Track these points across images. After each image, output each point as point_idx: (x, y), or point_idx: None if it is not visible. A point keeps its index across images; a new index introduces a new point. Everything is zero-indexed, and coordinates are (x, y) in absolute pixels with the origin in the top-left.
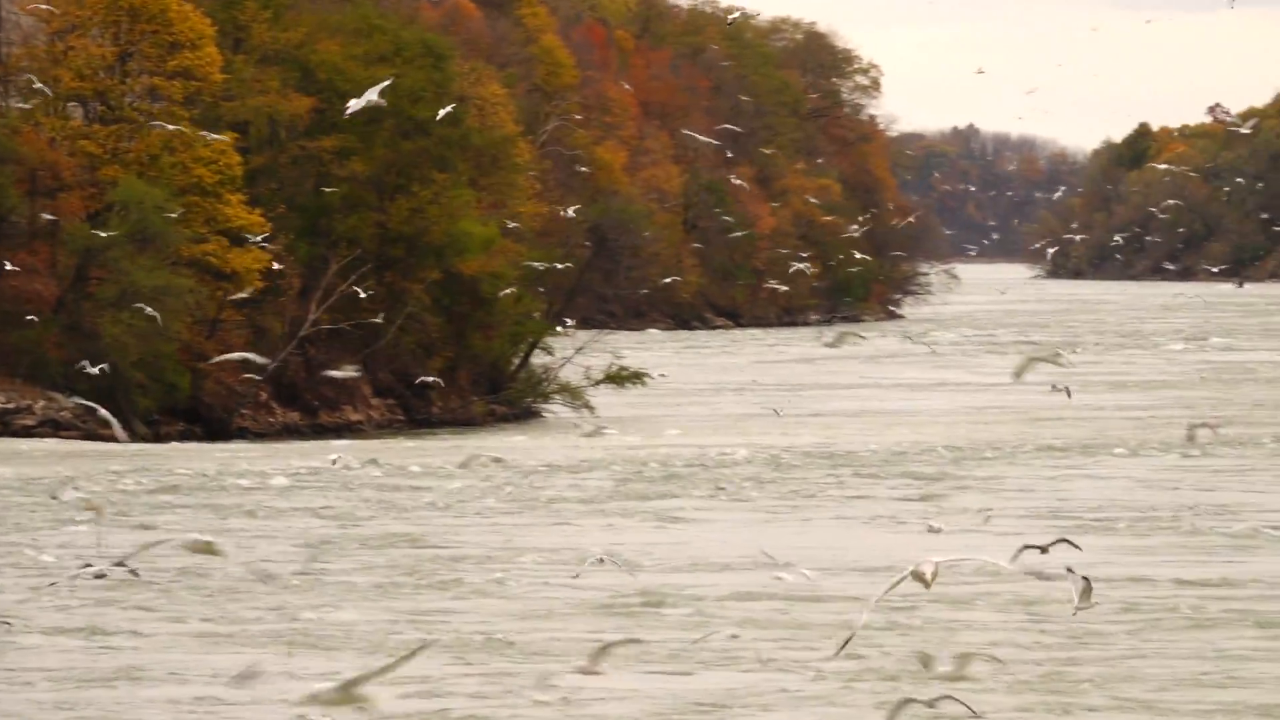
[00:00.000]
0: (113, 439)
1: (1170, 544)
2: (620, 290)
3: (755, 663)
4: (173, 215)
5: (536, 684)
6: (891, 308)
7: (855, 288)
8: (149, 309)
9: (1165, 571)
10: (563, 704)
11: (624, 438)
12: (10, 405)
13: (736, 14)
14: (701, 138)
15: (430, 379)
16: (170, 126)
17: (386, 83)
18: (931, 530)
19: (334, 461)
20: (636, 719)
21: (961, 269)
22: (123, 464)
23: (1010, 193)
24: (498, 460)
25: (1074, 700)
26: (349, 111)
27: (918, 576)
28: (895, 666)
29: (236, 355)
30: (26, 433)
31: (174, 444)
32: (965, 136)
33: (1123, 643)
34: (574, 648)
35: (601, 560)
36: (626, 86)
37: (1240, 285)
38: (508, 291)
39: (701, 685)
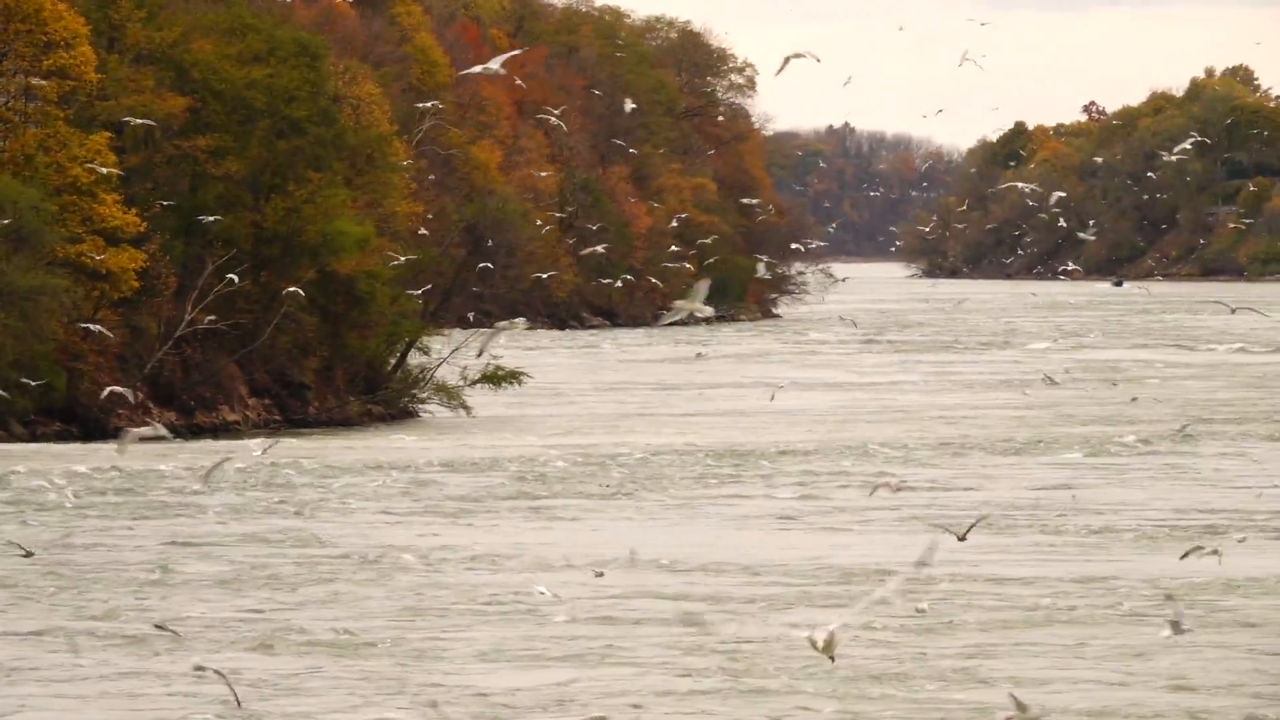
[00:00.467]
0: None
1: (1032, 542)
2: (496, 290)
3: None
4: (48, 215)
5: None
6: (770, 307)
7: (732, 287)
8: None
9: (1021, 570)
10: (416, 702)
11: (500, 437)
12: None
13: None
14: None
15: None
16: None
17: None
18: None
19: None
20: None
21: (838, 267)
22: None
23: (886, 192)
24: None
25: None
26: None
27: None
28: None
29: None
30: None
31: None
32: (840, 136)
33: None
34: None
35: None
36: (520, 82)
37: (1119, 284)
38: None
39: (539, 680)
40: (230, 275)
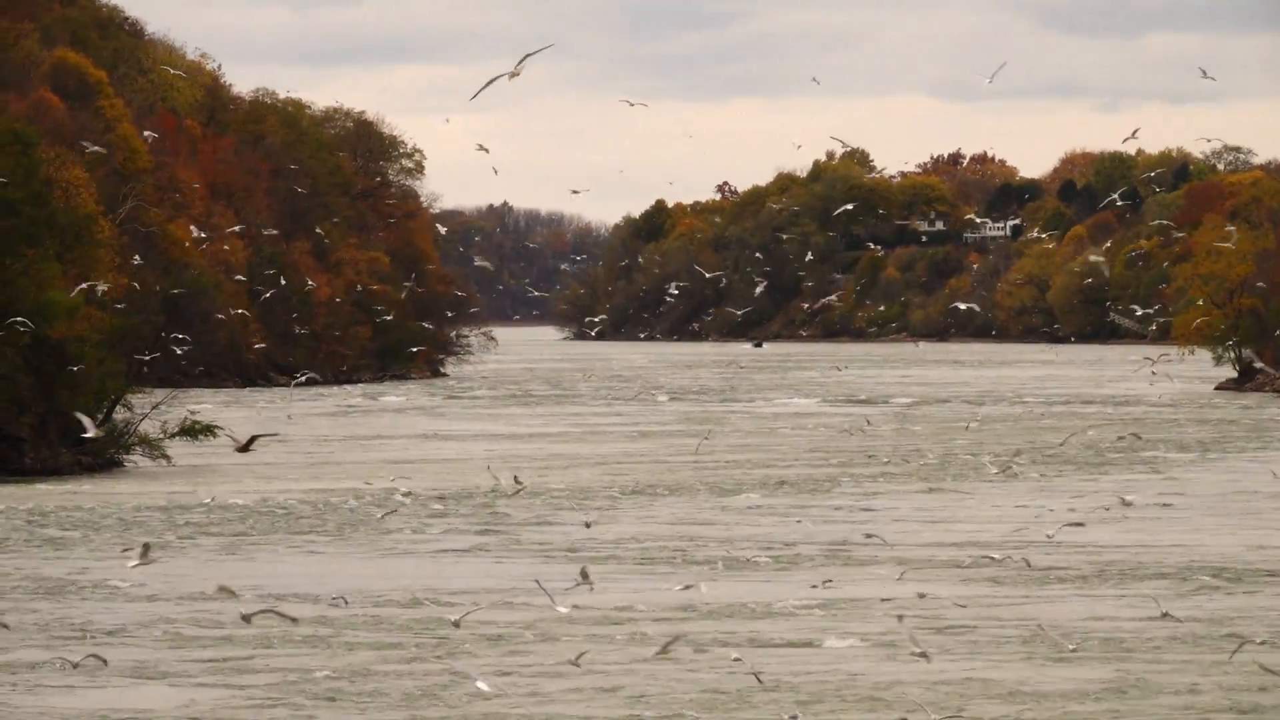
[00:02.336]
0: None
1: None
2: (192, 352)
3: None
4: None
5: None
6: (438, 367)
7: (405, 350)
8: None
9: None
10: None
11: (195, 482)
12: None
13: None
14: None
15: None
16: None
17: None
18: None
19: None
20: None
21: (499, 331)
22: None
23: (540, 263)
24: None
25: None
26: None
27: None
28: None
29: None
30: None
31: None
32: (500, 213)
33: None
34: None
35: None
36: (212, 164)
37: (759, 345)
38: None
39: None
40: None
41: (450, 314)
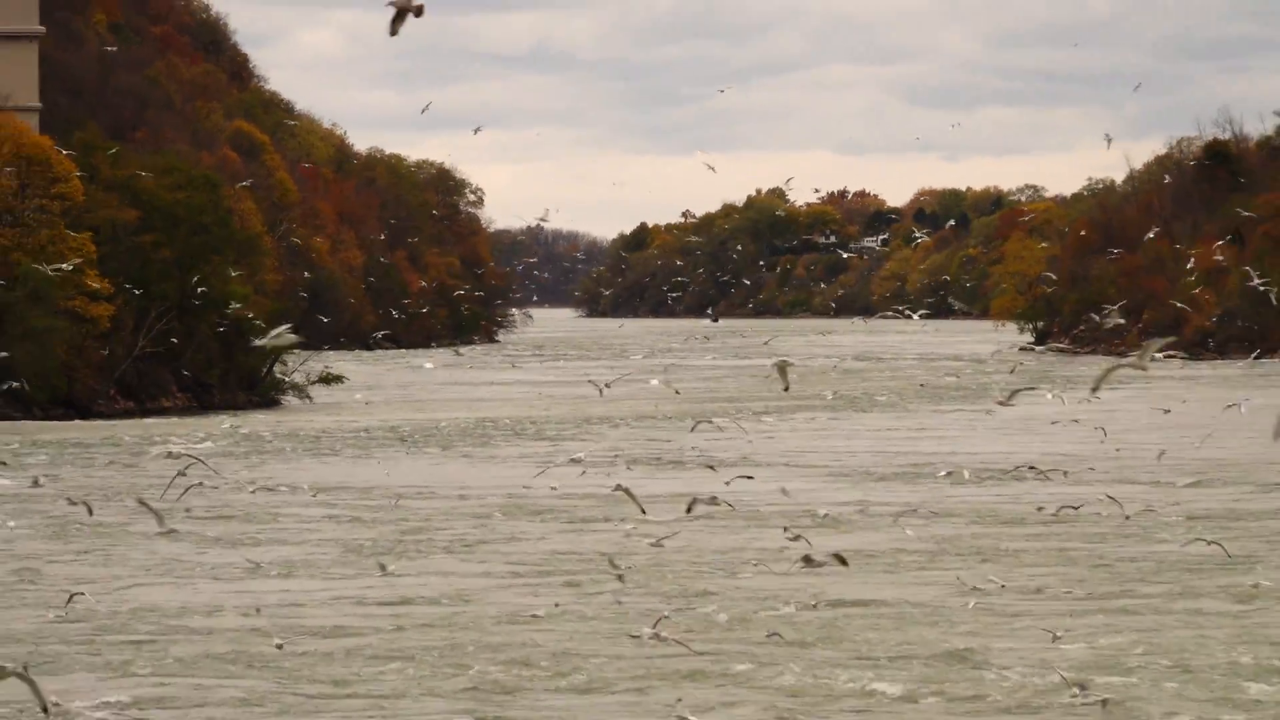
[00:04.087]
0: (17, 418)
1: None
2: (327, 326)
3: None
4: (53, 283)
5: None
6: (494, 335)
7: (470, 325)
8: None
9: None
10: None
11: (334, 413)
12: None
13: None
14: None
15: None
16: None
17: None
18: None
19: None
20: None
21: (536, 311)
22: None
23: (561, 265)
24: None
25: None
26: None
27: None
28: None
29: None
30: None
31: (51, 421)
32: (536, 232)
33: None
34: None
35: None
36: (341, 199)
37: (715, 320)
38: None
39: None
40: (165, 320)
41: (500, 299)
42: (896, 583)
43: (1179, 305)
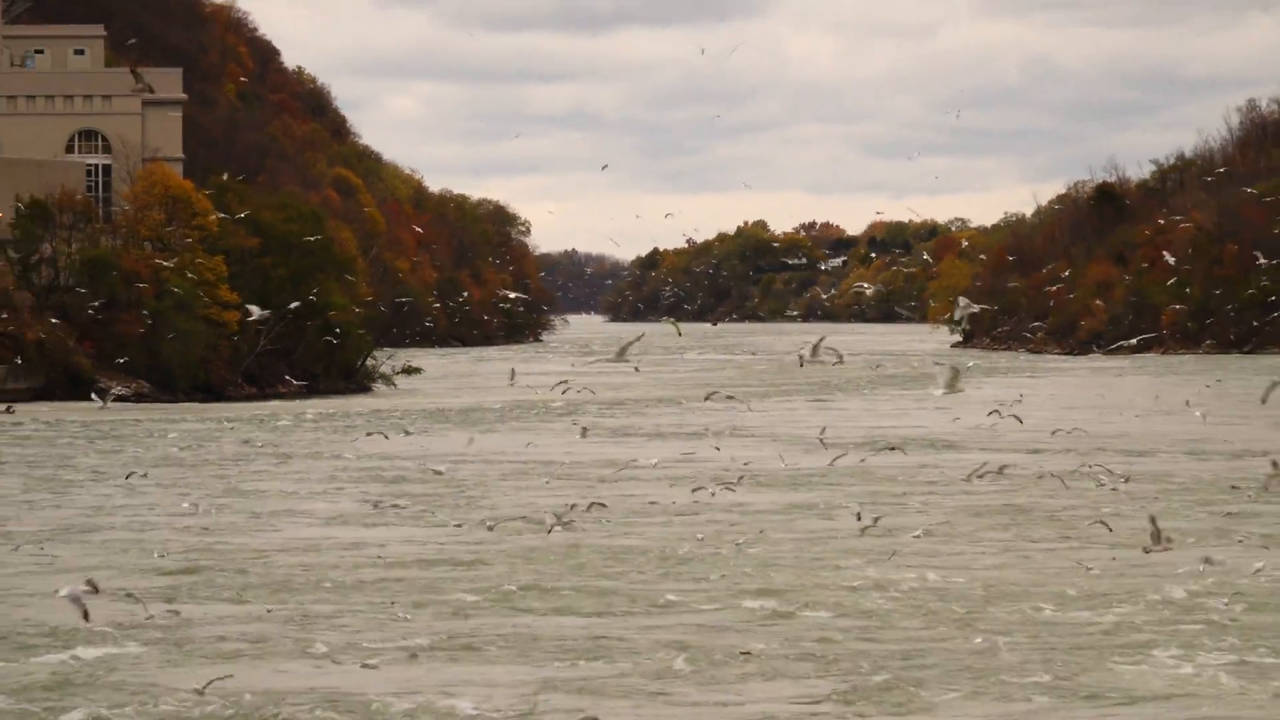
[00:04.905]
0: (165, 400)
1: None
2: (407, 328)
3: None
4: (195, 295)
5: None
6: (539, 336)
7: (522, 328)
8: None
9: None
10: None
11: (411, 398)
12: (120, 388)
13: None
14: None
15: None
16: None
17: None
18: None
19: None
20: None
21: (571, 317)
22: (186, 414)
23: (592, 282)
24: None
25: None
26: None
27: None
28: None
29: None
30: (120, 399)
31: (194, 404)
32: (571, 255)
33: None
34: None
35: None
36: (418, 229)
37: (715, 324)
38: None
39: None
40: (281, 324)
41: (543, 308)
42: (795, 520)
43: (1076, 311)
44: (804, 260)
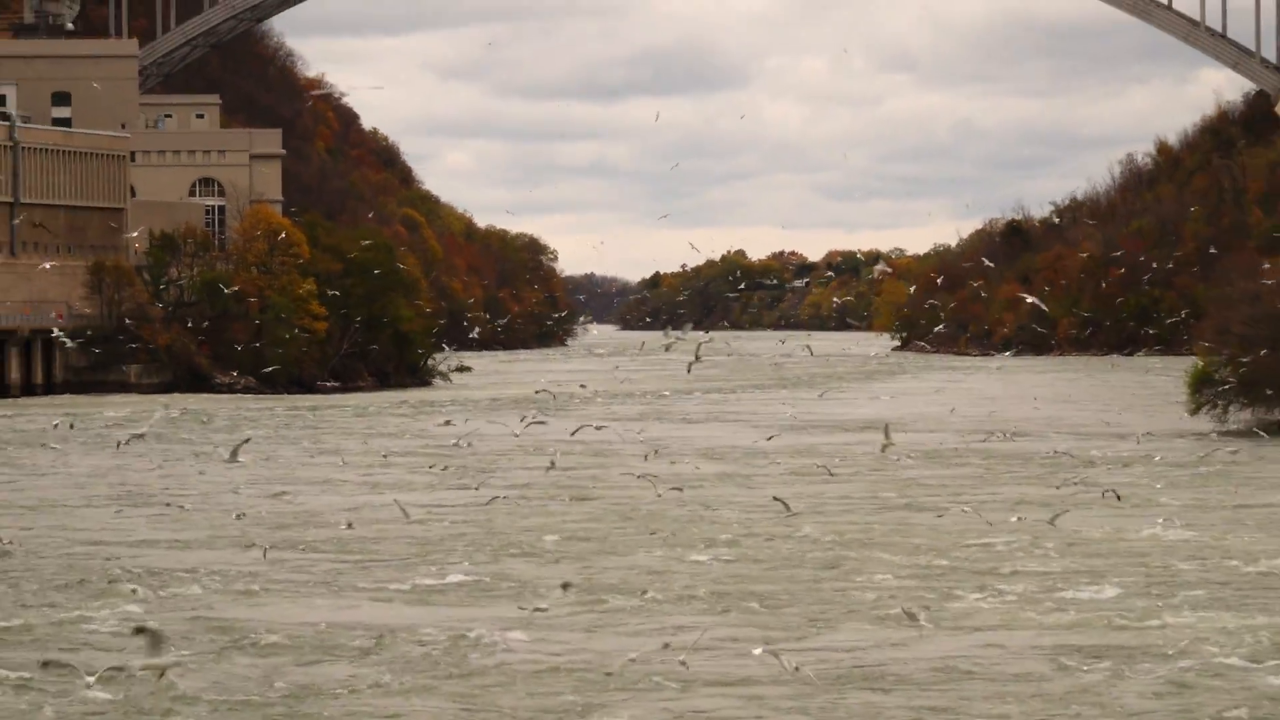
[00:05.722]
0: (267, 392)
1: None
2: (459, 334)
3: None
4: (292, 309)
5: None
6: (565, 340)
7: (549, 335)
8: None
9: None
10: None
11: (464, 390)
12: (228, 380)
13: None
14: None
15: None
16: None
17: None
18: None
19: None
20: None
21: (593, 326)
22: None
23: (606, 298)
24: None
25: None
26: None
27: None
28: None
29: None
30: (229, 389)
31: (290, 395)
32: (590, 277)
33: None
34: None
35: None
36: (469, 257)
37: (706, 332)
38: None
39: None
40: (358, 332)
41: (568, 319)
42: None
43: (990, 322)
44: (775, 281)
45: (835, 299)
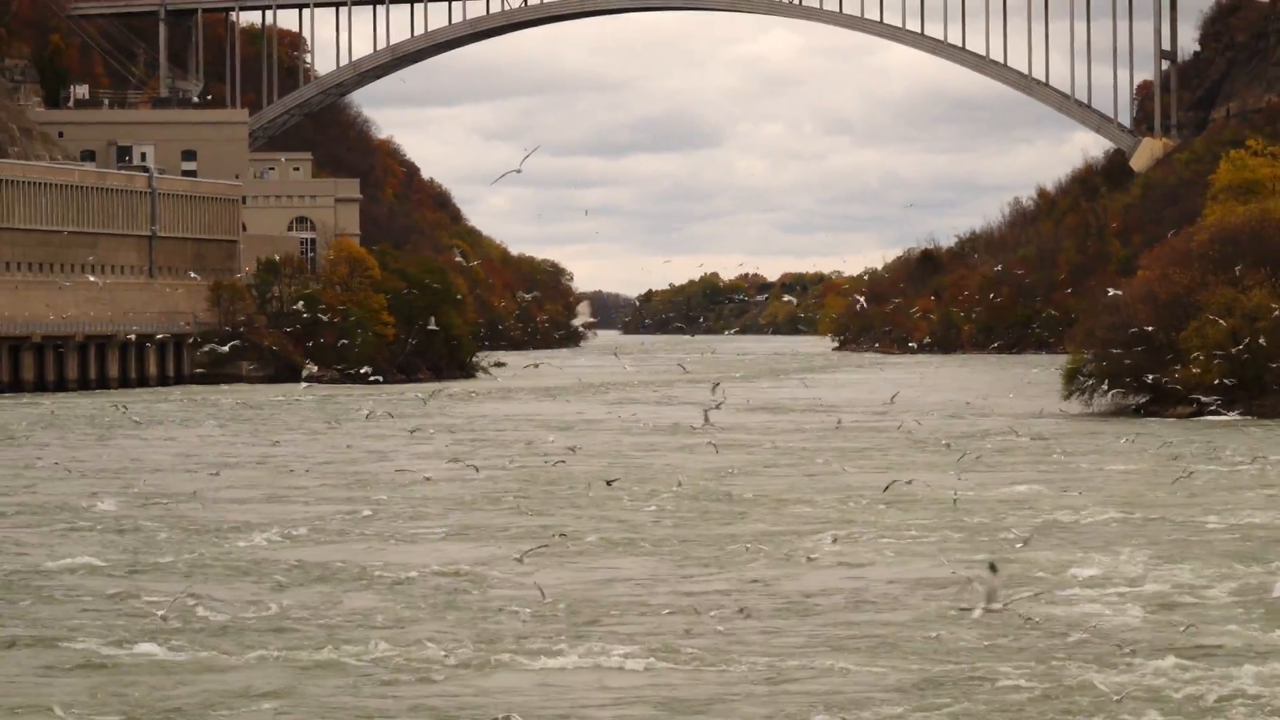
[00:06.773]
0: (345, 384)
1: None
2: (494, 337)
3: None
4: (365, 318)
5: None
6: (579, 343)
7: (566, 339)
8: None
9: None
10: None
11: (498, 381)
12: (318, 373)
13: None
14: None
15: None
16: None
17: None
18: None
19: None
20: None
21: (599, 330)
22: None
23: (611, 310)
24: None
25: None
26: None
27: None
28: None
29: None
30: (317, 379)
31: (364, 386)
32: (599, 293)
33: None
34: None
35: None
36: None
37: (692, 335)
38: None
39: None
40: (420, 334)
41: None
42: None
43: (909, 328)
44: (742, 297)
45: (789, 310)
